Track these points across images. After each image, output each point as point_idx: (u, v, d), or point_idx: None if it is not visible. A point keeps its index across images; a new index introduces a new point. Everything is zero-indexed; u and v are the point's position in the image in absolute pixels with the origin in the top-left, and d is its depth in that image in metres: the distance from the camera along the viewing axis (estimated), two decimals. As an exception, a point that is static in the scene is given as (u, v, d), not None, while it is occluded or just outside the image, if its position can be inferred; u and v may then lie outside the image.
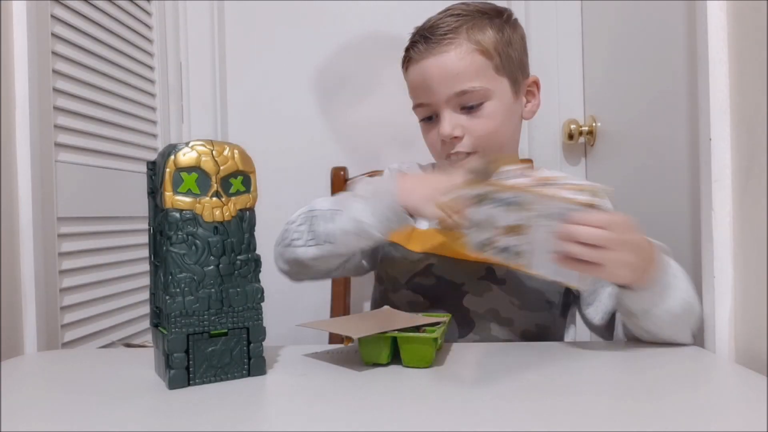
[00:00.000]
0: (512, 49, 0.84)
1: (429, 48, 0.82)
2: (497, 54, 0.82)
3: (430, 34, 0.82)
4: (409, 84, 0.87)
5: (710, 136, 0.72)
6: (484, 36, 0.82)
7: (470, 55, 0.81)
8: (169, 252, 0.58)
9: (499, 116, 0.83)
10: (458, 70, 0.80)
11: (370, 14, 1.42)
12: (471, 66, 0.80)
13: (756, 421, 0.47)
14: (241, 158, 0.61)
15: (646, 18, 1.05)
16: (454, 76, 0.80)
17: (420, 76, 0.83)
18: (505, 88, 0.84)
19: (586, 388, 0.55)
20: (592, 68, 1.35)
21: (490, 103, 0.82)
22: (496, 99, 0.82)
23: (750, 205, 0.68)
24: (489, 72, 0.82)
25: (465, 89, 0.80)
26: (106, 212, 1.07)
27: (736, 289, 0.71)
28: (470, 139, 0.83)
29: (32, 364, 0.75)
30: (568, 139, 1.35)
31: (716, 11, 0.72)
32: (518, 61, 0.85)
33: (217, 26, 1.43)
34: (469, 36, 0.81)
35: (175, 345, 0.58)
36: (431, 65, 0.81)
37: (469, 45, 0.81)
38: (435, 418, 0.50)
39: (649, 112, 1.06)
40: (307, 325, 0.70)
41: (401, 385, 0.59)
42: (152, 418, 0.52)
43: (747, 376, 0.61)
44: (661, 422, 0.47)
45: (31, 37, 0.87)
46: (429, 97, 0.83)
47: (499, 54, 0.82)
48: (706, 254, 0.73)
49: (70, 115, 0.99)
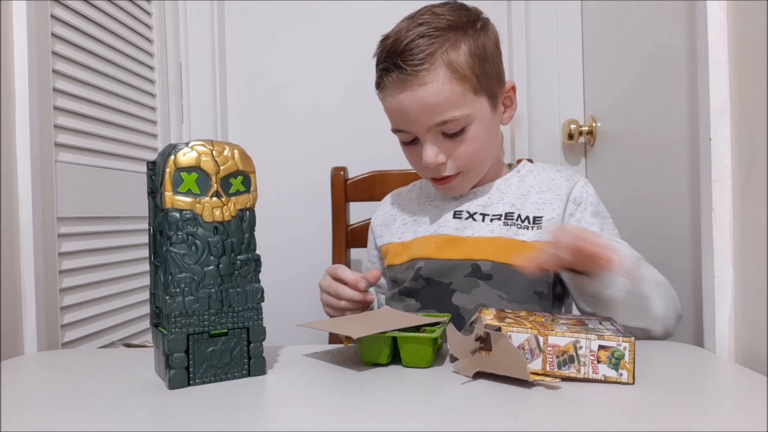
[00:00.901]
0: (488, 63, 0.81)
1: (404, 79, 0.78)
2: (474, 75, 0.79)
3: (403, 63, 0.77)
4: (386, 109, 0.84)
5: (710, 136, 0.72)
6: (459, 57, 0.78)
7: (448, 84, 0.77)
8: (169, 252, 0.58)
9: (481, 137, 0.82)
10: (437, 102, 0.78)
11: (370, 14, 1.42)
12: (450, 96, 0.78)
13: (756, 421, 0.47)
14: (241, 158, 0.61)
15: (646, 18, 1.05)
16: (433, 107, 0.78)
17: (397, 107, 0.81)
18: (485, 107, 0.82)
19: (585, 388, 0.55)
20: (592, 68, 1.35)
21: (472, 127, 0.81)
22: (477, 121, 0.81)
23: (750, 205, 0.68)
24: (468, 96, 0.79)
25: (446, 119, 0.79)
26: (106, 212, 1.07)
27: (736, 289, 0.71)
28: (454, 163, 0.83)
29: (32, 364, 0.75)
30: (568, 139, 1.35)
31: (716, 11, 0.72)
32: (495, 73, 0.83)
33: (217, 26, 1.43)
34: (445, 61, 0.77)
35: (175, 345, 0.58)
36: (409, 99, 0.78)
37: (446, 73, 0.77)
38: (435, 418, 0.50)
39: (649, 112, 1.06)
40: (307, 325, 0.70)
41: (401, 385, 0.59)
42: (152, 418, 0.52)
43: (747, 376, 0.61)
44: (661, 422, 0.47)
45: (31, 37, 0.87)
46: (408, 126, 0.82)
47: (476, 75, 0.79)
48: (706, 254, 0.73)
49: (70, 115, 0.99)
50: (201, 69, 1.43)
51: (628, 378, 0.56)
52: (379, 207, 1.01)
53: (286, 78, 1.45)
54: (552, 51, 1.38)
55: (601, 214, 0.86)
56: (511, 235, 0.83)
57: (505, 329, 0.58)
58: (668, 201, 0.98)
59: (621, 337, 0.56)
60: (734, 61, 0.71)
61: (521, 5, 1.38)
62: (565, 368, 0.57)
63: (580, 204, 0.85)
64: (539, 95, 1.38)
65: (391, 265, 0.91)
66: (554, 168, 0.92)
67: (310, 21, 1.44)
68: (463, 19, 0.81)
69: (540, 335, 0.57)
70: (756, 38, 0.67)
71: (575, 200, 0.85)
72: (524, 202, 0.86)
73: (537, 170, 0.91)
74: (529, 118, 1.39)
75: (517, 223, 0.84)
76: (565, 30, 1.38)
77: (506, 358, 0.56)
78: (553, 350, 0.57)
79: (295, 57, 1.44)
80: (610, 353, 0.56)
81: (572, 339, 0.57)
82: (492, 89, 0.83)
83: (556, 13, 1.37)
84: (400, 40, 0.79)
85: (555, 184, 0.87)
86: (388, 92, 0.82)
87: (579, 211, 0.85)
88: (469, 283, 0.82)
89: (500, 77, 0.85)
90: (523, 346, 0.58)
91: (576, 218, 0.85)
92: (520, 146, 1.40)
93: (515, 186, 0.89)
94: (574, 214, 0.85)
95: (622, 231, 0.88)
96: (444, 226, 0.87)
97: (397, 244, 0.91)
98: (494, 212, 0.86)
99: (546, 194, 0.86)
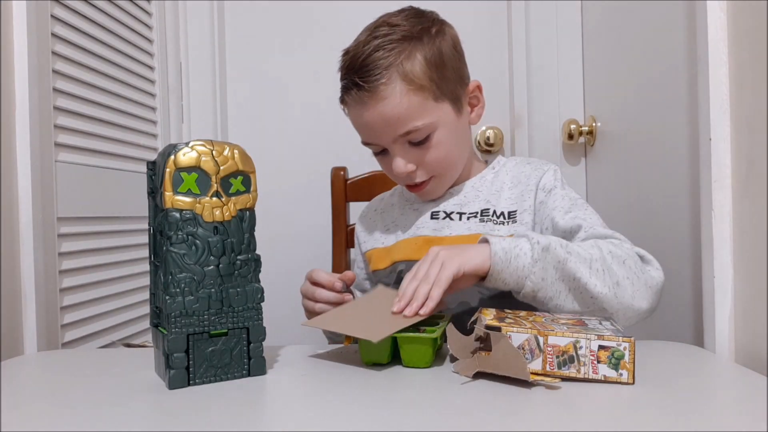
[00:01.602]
0: (447, 68, 0.82)
1: (363, 96, 0.79)
2: (433, 83, 0.80)
3: (360, 80, 0.78)
4: (353, 123, 0.86)
5: (710, 136, 0.72)
6: (415, 67, 0.79)
7: (406, 97, 0.78)
8: (169, 252, 0.58)
9: (448, 141, 0.83)
10: (398, 115, 0.79)
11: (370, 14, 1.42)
12: (409, 108, 0.79)
13: (756, 421, 0.47)
14: (241, 158, 0.61)
15: (646, 18, 1.05)
16: (395, 121, 0.79)
17: (361, 122, 0.83)
18: (448, 112, 0.83)
19: (585, 388, 0.55)
20: (592, 68, 1.35)
21: (437, 133, 0.82)
22: (441, 127, 0.82)
23: (750, 205, 0.68)
24: (429, 105, 0.80)
25: (409, 129, 0.80)
26: (106, 212, 1.07)
27: (736, 289, 0.71)
28: (424, 169, 0.84)
29: (32, 364, 0.75)
30: (568, 139, 1.35)
31: (716, 11, 0.72)
32: (456, 77, 0.84)
33: (217, 26, 1.43)
34: (401, 73, 0.78)
35: (175, 345, 0.58)
36: (370, 114, 0.80)
37: (403, 85, 0.78)
38: (435, 418, 0.50)
39: (649, 112, 1.06)
40: (311, 323, 0.69)
41: (401, 385, 0.59)
42: (152, 418, 0.52)
43: (747, 376, 0.61)
44: (661, 422, 0.47)
45: (31, 37, 0.87)
46: (374, 139, 0.83)
47: (435, 82, 0.80)
48: (706, 254, 0.73)
49: (70, 115, 0.99)
50: (201, 69, 1.43)
51: (628, 378, 0.56)
52: (363, 213, 1.03)
53: (286, 78, 1.45)
54: (552, 51, 1.38)
55: (569, 196, 0.84)
56: (488, 231, 0.84)
57: (505, 329, 0.58)
58: (668, 201, 0.98)
59: (621, 337, 0.56)
60: (734, 61, 0.71)
61: (521, 5, 1.38)
62: (565, 368, 0.57)
63: (550, 191, 0.84)
64: (539, 95, 1.38)
65: (376, 270, 0.92)
66: (525, 161, 0.92)
67: (310, 21, 1.44)
68: (417, 28, 0.81)
69: (540, 335, 0.57)
70: (756, 38, 0.67)
71: (544, 187, 0.85)
72: (498, 198, 0.87)
73: (510, 165, 0.92)
74: (529, 118, 1.39)
75: (493, 219, 0.85)
76: (565, 30, 1.38)
77: (506, 358, 0.56)
78: (553, 350, 0.57)
79: (295, 57, 1.44)
80: (610, 353, 0.56)
81: (572, 339, 0.57)
82: (454, 93, 0.83)
83: (556, 13, 1.37)
84: (357, 56, 0.80)
85: (525, 176, 0.88)
86: (351, 108, 0.83)
87: (549, 197, 0.84)
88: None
89: (462, 79, 0.85)
90: (523, 346, 0.58)
91: (546, 205, 0.84)
92: (520, 146, 1.40)
93: (489, 182, 0.90)
94: (544, 202, 0.84)
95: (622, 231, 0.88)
96: (422, 228, 0.88)
97: (380, 249, 0.93)
98: (470, 210, 0.87)
99: (518, 188, 0.87)
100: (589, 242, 0.73)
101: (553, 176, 0.86)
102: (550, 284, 0.69)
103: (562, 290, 0.69)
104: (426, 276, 0.68)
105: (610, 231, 0.77)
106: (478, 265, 0.68)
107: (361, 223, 1.01)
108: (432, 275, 0.67)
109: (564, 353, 0.57)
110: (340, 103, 0.86)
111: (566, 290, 0.69)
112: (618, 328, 0.60)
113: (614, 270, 0.69)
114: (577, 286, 0.69)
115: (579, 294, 0.69)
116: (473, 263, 0.68)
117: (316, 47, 1.44)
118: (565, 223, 0.80)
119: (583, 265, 0.68)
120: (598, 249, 0.70)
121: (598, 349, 0.56)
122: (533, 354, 0.57)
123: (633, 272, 0.70)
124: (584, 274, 0.68)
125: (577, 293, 0.69)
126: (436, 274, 0.67)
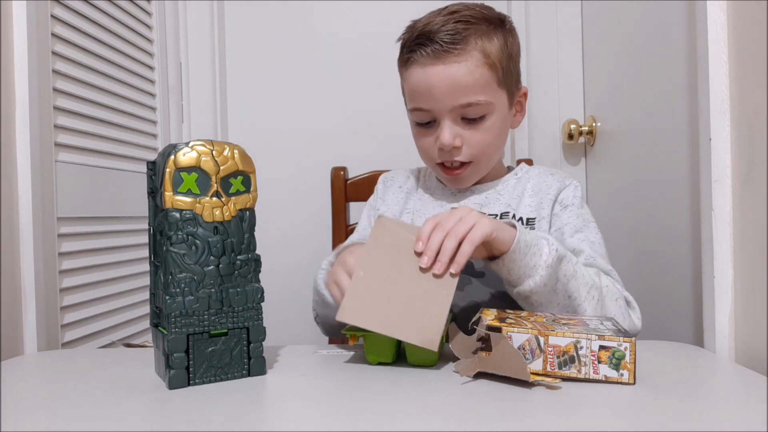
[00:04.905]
0: (512, 62, 0.84)
1: (437, 55, 0.79)
2: (501, 67, 0.81)
3: (438, 39, 0.78)
4: (409, 86, 0.84)
5: (710, 136, 0.72)
6: (492, 47, 0.80)
7: (479, 68, 0.79)
8: (169, 252, 0.58)
9: (497, 129, 0.84)
10: (466, 83, 0.79)
11: (370, 14, 1.42)
12: (480, 80, 0.79)
13: (756, 421, 0.47)
14: (241, 158, 0.61)
15: (646, 18, 1.05)
16: (462, 88, 0.79)
17: (425, 83, 0.81)
18: (504, 102, 0.84)
19: (586, 388, 0.55)
20: (592, 68, 1.35)
21: (491, 117, 0.82)
22: (496, 112, 0.83)
23: (750, 205, 0.68)
24: (493, 85, 0.81)
25: (471, 102, 0.80)
26: (106, 212, 1.07)
27: (736, 289, 0.71)
28: (468, 150, 0.83)
29: (32, 364, 0.75)
30: (568, 139, 1.35)
31: (716, 11, 0.72)
32: (516, 74, 0.86)
33: (217, 26, 1.43)
34: (479, 46, 0.79)
35: (175, 345, 0.58)
36: (439, 74, 0.79)
37: (479, 57, 0.79)
38: (435, 418, 0.50)
39: (649, 112, 1.06)
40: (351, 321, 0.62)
41: (400, 385, 0.59)
42: (152, 418, 0.52)
43: (747, 376, 0.61)
44: (662, 422, 0.47)
45: (31, 37, 0.87)
46: (431, 104, 0.82)
47: (502, 67, 0.81)
48: (706, 254, 0.73)
49: (70, 115, 0.99)
50: (201, 69, 1.42)
51: (628, 378, 0.56)
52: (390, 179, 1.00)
53: (286, 78, 1.45)
54: (552, 51, 1.38)
55: (583, 216, 0.86)
56: None
57: (505, 330, 0.58)
58: (668, 201, 0.98)
59: (622, 338, 0.56)
60: (734, 61, 0.71)
61: (521, 5, 1.38)
62: (566, 368, 0.57)
63: (567, 206, 0.86)
64: (539, 95, 1.38)
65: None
66: (548, 171, 0.92)
67: (310, 21, 1.44)
68: (495, 16, 0.84)
69: (541, 335, 0.57)
70: (756, 38, 0.67)
71: (562, 201, 0.86)
72: (519, 204, 0.87)
73: (533, 173, 0.93)
74: (529, 118, 1.39)
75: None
76: (565, 30, 1.38)
77: (506, 359, 0.56)
78: (553, 350, 0.57)
79: (295, 57, 1.44)
80: (611, 353, 0.56)
81: (573, 339, 0.57)
82: (512, 88, 0.85)
83: (556, 13, 1.37)
84: (434, 22, 0.81)
85: (546, 185, 0.88)
86: (416, 67, 0.82)
87: (564, 211, 0.85)
88: (462, 281, 0.82)
89: (519, 79, 0.88)
90: (524, 347, 0.58)
91: (560, 218, 0.85)
92: (520, 146, 1.40)
93: (511, 188, 0.90)
94: (559, 215, 0.85)
95: (622, 231, 0.88)
96: None
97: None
98: (490, 212, 0.87)
99: (538, 196, 0.87)
100: (593, 270, 0.75)
101: (573, 192, 0.87)
102: (548, 292, 0.70)
103: (554, 301, 0.71)
104: (454, 230, 0.64)
105: (609, 266, 0.79)
106: (504, 240, 0.67)
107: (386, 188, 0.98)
108: (461, 230, 0.64)
109: (565, 353, 0.57)
110: (400, 66, 0.85)
111: (558, 303, 0.71)
112: (619, 328, 0.60)
113: (606, 304, 0.72)
114: (569, 303, 0.71)
115: (566, 311, 0.71)
116: (502, 235, 0.67)
117: (316, 47, 1.44)
118: (572, 241, 0.81)
119: (582, 288, 0.71)
120: (599, 279, 0.73)
121: (599, 350, 0.56)
122: (534, 354, 0.57)
123: (621, 313, 0.73)
124: (580, 296, 0.71)
125: (567, 309, 0.71)
126: (465, 231, 0.64)
